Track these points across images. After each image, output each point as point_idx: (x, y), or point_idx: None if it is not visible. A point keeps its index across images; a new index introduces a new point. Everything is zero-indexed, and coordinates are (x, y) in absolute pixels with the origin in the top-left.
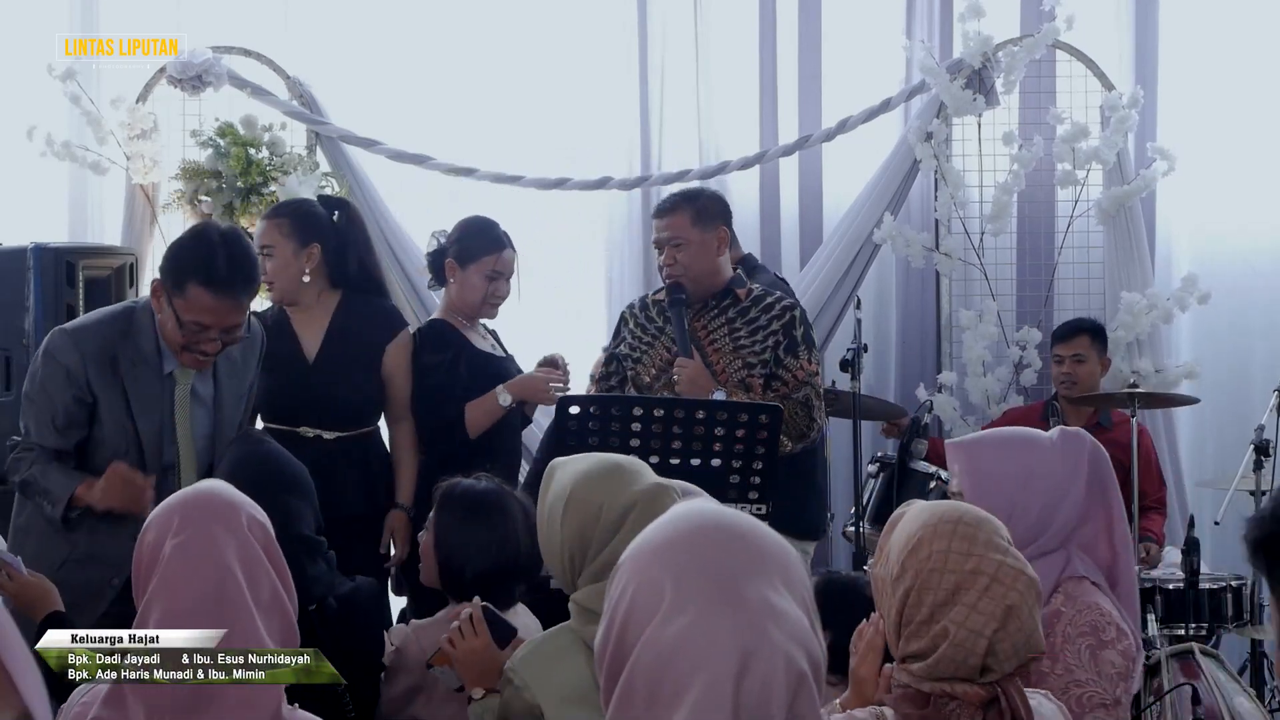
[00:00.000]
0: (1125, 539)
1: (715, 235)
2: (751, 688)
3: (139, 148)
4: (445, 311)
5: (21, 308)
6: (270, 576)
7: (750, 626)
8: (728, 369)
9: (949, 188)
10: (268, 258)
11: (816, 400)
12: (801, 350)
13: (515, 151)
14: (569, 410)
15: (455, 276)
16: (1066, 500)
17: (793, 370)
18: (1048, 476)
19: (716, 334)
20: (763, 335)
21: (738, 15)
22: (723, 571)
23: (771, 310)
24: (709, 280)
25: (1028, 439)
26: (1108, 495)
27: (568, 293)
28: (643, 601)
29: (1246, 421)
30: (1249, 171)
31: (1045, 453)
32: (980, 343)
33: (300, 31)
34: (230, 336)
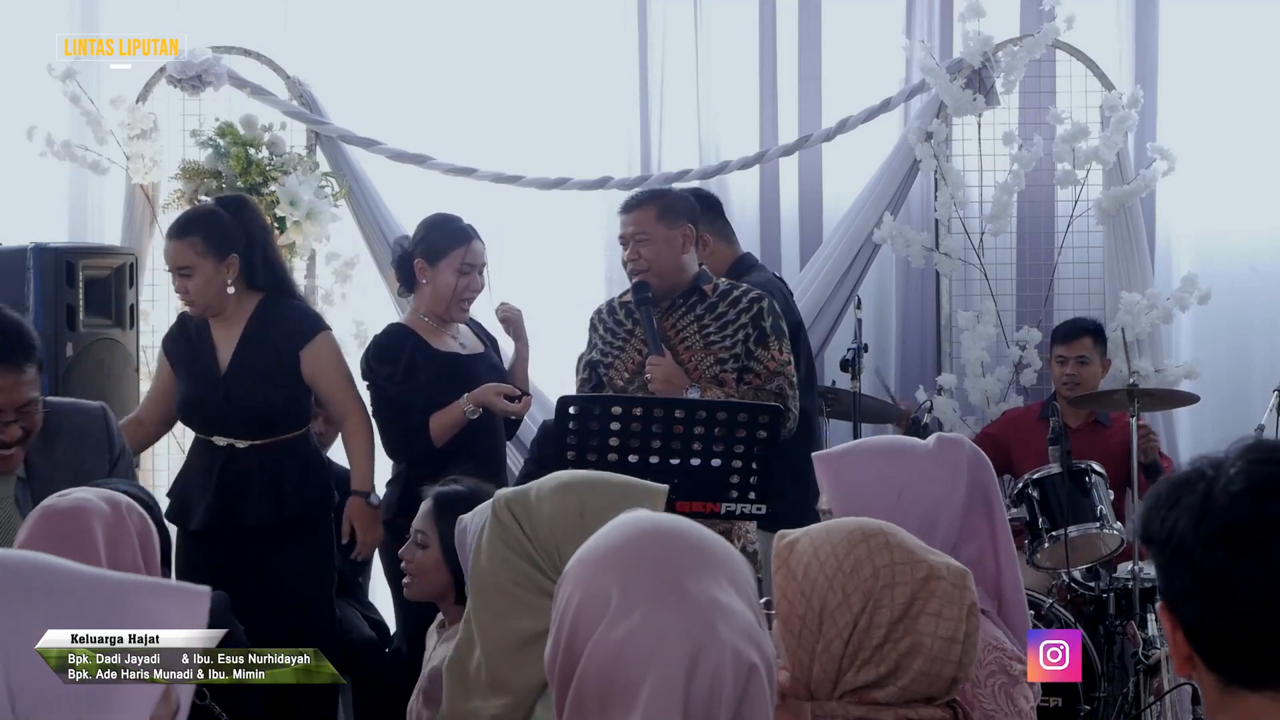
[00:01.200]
0: (1010, 552)
1: (680, 232)
2: (701, 683)
3: (139, 148)
4: (412, 316)
5: (21, 308)
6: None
7: (698, 622)
8: (700, 365)
9: (949, 188)
10: (186, 278)
11: (790, 390)
12: (771, 340)
13: (515, 151)
14: (569, 410)
15: (426, 276)
16: (946, 513)
17: (764, 361)
18: (924, 488)
19: (686, 331)
20: (732, 329)
21: (738, 15)
22: (667, 571)
23: (739, 304)
24: (673, 277)
25: (900, 448)
26: (991, 505)
27: (568, 293)
28: (589, 607)
29: (1246, 421)
30: (1249, 171)
31: (920, 462)
32: (980, 343)
33: (300, 31)
34: (26, 417)
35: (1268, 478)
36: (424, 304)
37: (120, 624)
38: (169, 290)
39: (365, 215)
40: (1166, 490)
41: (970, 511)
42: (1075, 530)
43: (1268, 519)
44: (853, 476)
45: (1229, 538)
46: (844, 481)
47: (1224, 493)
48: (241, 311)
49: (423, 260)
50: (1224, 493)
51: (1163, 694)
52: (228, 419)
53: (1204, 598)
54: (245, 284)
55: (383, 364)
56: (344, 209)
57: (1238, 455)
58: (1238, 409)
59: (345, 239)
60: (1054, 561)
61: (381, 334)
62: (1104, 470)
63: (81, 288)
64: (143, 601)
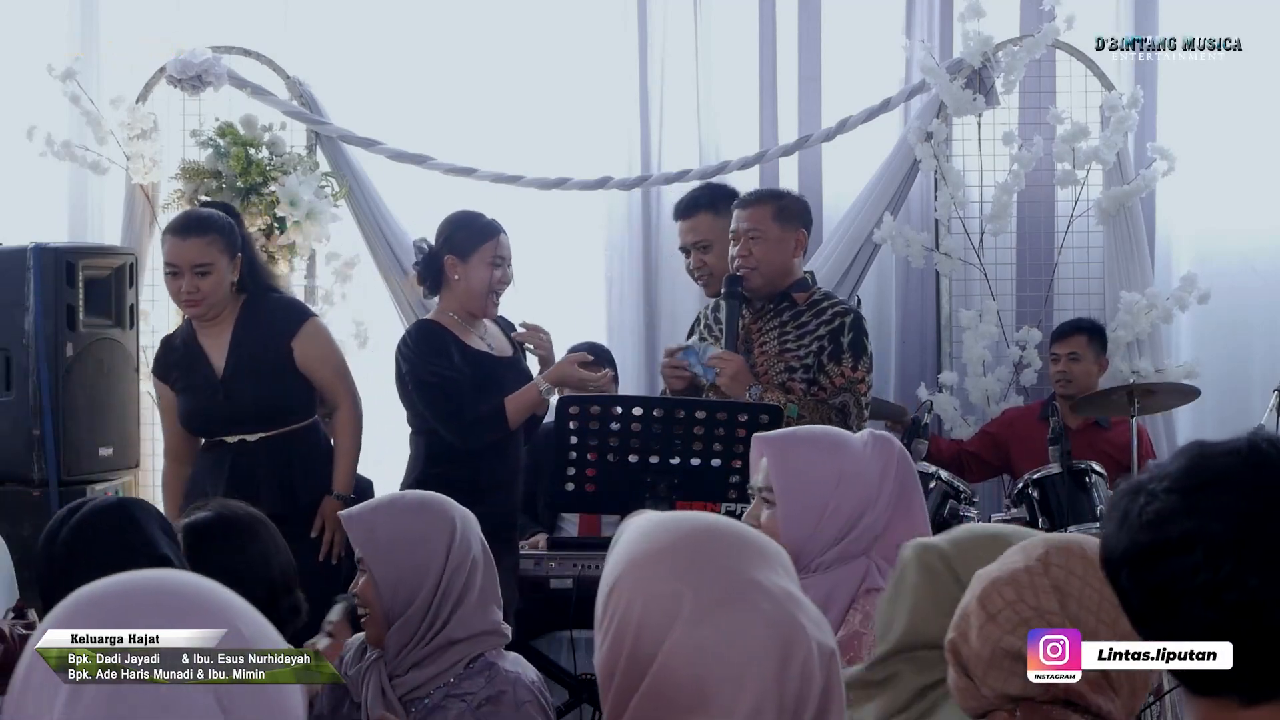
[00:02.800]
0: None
1: (794, 235)
2: (794, 675)
3: (139, 148)
4: (440, 314)
5: (21, 308)
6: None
7: (782, 616)
8: (770, 370)
9: (949, 188)
10: (203, 276)
11: (855, 408)
12: (845, 357)
13: (515, 151)
14: (569, 410)
15: (459, 273)
16: (875, 505)
17: (833, 376)
18: (858, 479)
19: (767, 336)
20: (809, 340)
21: (738, 15)
22: (736, 568)
23: (823, 315)
24: (778, 279)
25: (839, 439)
26: (911, 503)
27: (568, 293)
28: (656, 609)
29: (1246, 421)
30: (1249, 171)
31: (857, 454)
32: (980, 342)
33: (300, 31)
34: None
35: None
36: (455, 301)
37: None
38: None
39: (365, 215)
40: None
41: (895, 506)
42: (1075, 530)
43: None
44: (797, 460)
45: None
46: (789, 464)
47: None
48: (229, 314)
49: (454, 256)
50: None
51: (1163, 694)
52: (233, 418)
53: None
54: (236, 287)
55: (434, 355)
56: (344, 209)
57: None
58: (1237, 409)
59: (345, 239)
60: None
61: (416, 331)
62: (1104, 470)
63: (81, 288)
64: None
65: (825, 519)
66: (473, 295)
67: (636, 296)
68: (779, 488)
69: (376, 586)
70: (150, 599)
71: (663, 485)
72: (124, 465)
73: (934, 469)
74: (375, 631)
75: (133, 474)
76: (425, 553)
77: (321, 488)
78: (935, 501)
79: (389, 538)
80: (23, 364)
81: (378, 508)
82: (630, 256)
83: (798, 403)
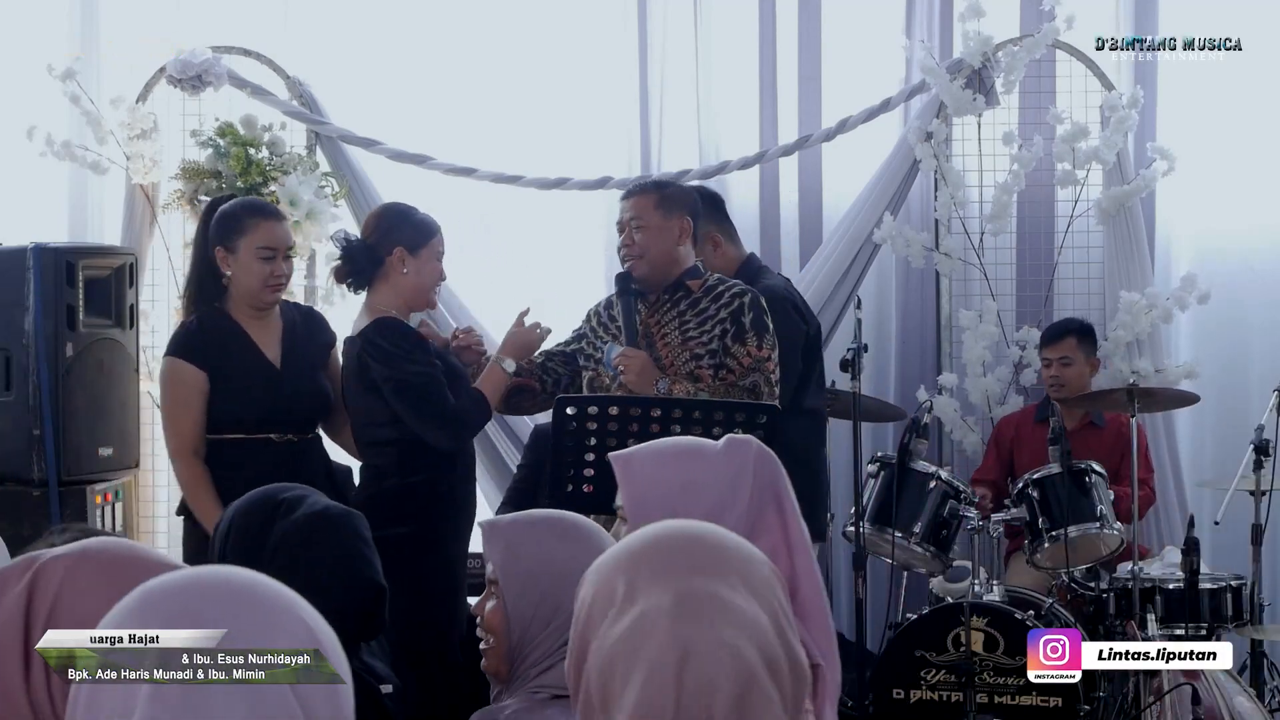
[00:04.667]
0: (805, 548)
1: (677, 223)
2: (692, 682)
3: (139, 148)
4: (384, 309)
5: (21, 308)
6: None
7: (694, 620)
8: (676, 361)
9: (949, 188)
10: (288, 260)
11: (766, 387)
12: (750, 336)
13: (515, 151)
14: (566, 411)
15: (408, 266)
16: (731, 509)
17: (739, 357)
18: (707, 486)
19: (668, 327)
20: (710, 324)
21: (738, 15)
22: (674, 570)
23: (721, 299)
24: (665, 268)
25: (687, 448)
26: (781, 503)
27: (567, 293)
28: (598, 604)
29: (1246, 421)
30: (1249, 171)
31: (707, 460)
32: (980, 343)
33: (300, 31)
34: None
35: None
36: (395, 296)
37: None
38: (169, 290)
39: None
40: None
41: (761, 509)
42: (1075, 530)
43: None
44: (640, 474)
45: None
46: (632, 480)
47: None
48: (275, 310)
49: (404, 249)
50: None
51: (1162, 694)
52: (290, 411)
53: None
54: None
55: (416, 353)
56: (344, 209)
57: None
58: (1237, 409)
59: None
60: (1054, 561)
61: (389, 330)
62: (1104, 470)
63: (81, 288)
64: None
65: None
66: (421, 289)
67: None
68: (626, 501)
69: (508, 618)
70: (224, 596)
71: None
72: (124, 465)
73: (934, 469)
74: (495, 665)
75: (133, 474)
76: (565, 589)
77: (347, 491)
78: (935, 501)
79: (531, 566)
80: (23, 364)
81: (531, 523)
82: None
83: (708, 390)
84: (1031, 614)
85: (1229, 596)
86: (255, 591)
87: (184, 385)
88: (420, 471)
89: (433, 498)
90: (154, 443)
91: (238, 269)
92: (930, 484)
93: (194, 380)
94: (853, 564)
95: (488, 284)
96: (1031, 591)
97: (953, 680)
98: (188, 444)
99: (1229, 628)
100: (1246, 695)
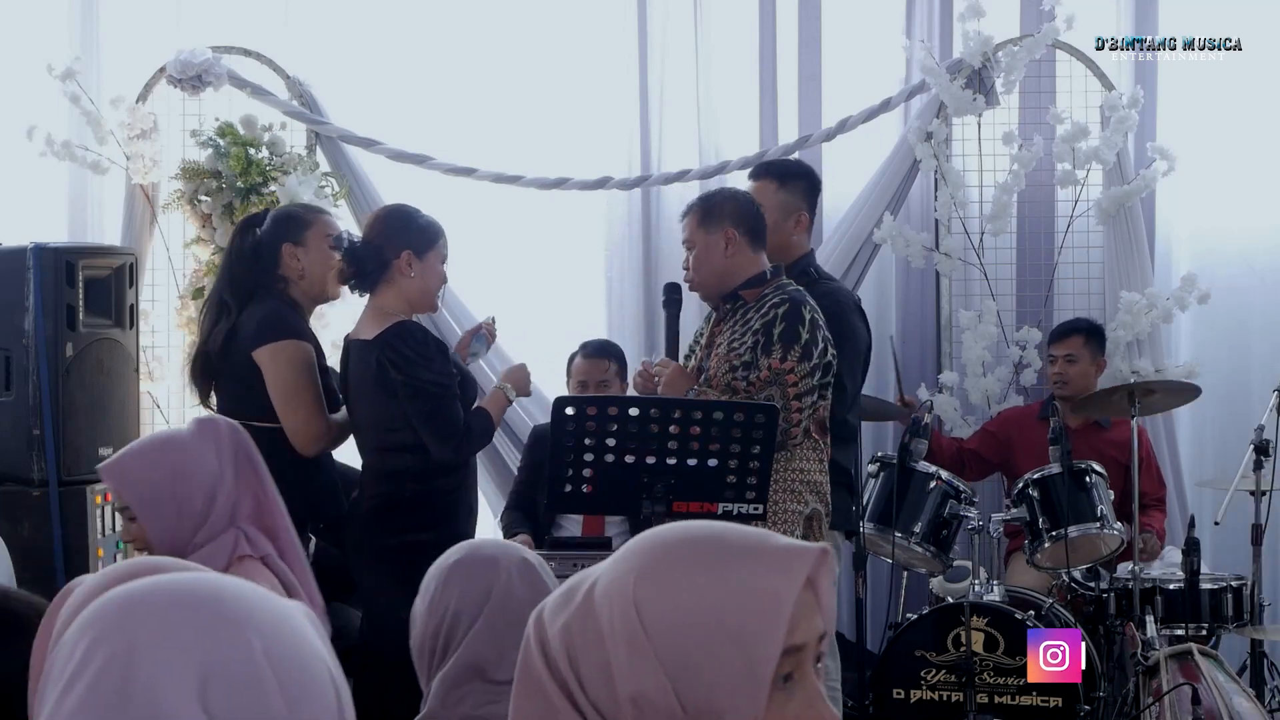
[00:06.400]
0: (276, 500)
1: (721, 235)
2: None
3: (139, 148)
4: (392, 313)
5: (21, 308)
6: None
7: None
8: (718, 372)
9: (949, 188)
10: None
11: (782, 400)
12: (775, 348)
13: (515, 151)
14: (565, 411)
15: (416, 270)
16: (223, 482)
17: (761, 369)
18: (196, 465)
19: (720, 338)
20: (748, 336)
21: (738, 15)
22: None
23: (762, 309)
24: (716, 281)
25: (164, 440)
26: (256, 468)
27: (567, 293)
28: None
29: (1246, 421)
30: (1249, 171)
31: (186, 445)
32: (980, 343)
33: (300, 31)
34: None
35: None
36: (401, 300)
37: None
38: (169, 290)
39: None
40: None
41: (240, 474)
42: (1075, 530)
43: None
44: (133, 473)
45: None
46: (129, 482)
47: None
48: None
49: (412, 253)
50: None
51: (1162, 694)
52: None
53: None
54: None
55: (439, 360)
56: (344, 209)
57: None
58: (1237, 409)
59: None
60: (1054, 561)
61: (412, 334)
62: (1104, 470)
63: (81, 288)
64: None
65: (182, 512)
66: (427, 293)
67: (636, 296)
68: (132, 502)
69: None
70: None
71: (659, 486)
72: None
73: (934, 469)
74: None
75: None
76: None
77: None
78: (935, 501)
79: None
80: (23, 364)
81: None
82: (630, 256)
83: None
84: (1031, 614)
85: (1229, 597)
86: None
87: (310, 366)
88: (440, 477)
89: (452, 504)
90: None
91: (309, 261)
92: (930, 484)
93: (312, 359)
94: (853, 564)
95: (488, 284)
96: (1032, 591)
97: (953, 680)
98: (320, 421)
99: (1229, 628)
100: (1246, 695)
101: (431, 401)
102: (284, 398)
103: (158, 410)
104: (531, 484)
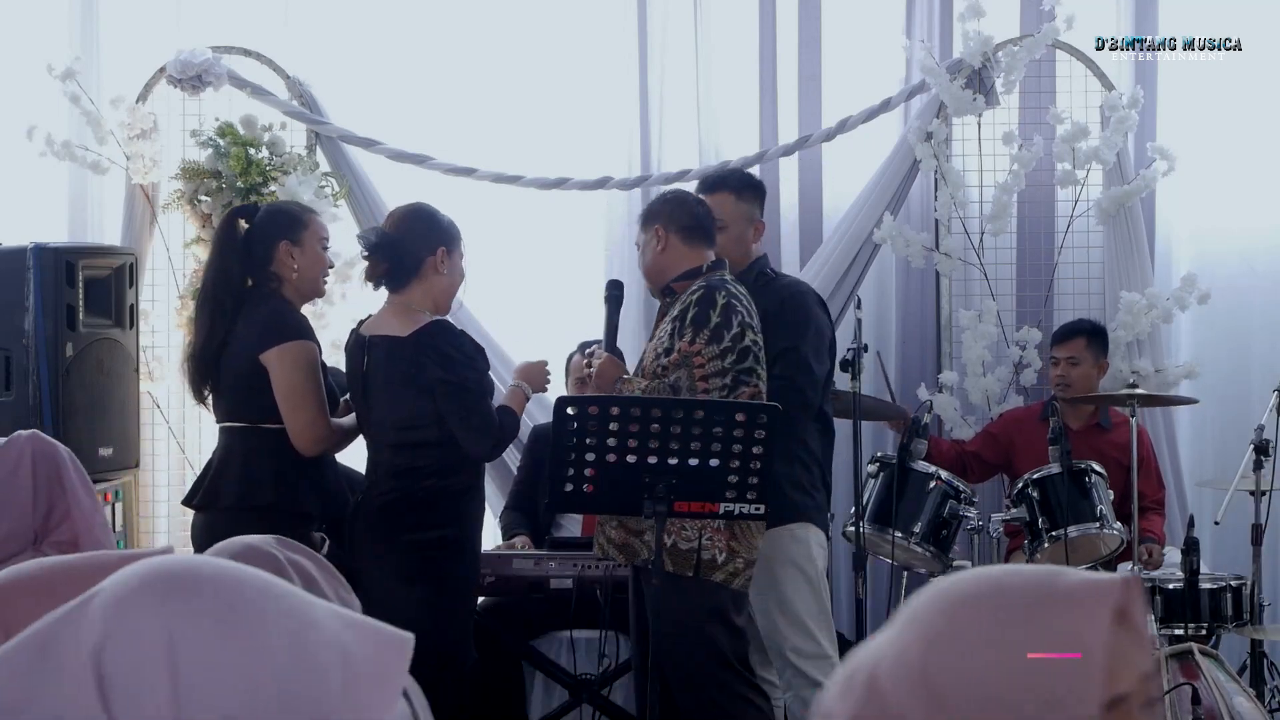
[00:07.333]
0: (89, 519)
1: (653, 234)
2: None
3: (139, 148)
4: (419, 311)
5: (21, 308)
6: None
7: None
8: (648, 360)
9: (949, 188)
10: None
11: (688, 382)
12: (687, 331)
13: (515, 151)
14: (566, 411)
15: (445, 268)
16: (15, 502)
17: (673, 353)
18: None
19: (657, 330)
20: (670, 324)
21: (738, 15)
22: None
23: (682, 298)
24: (655, 276)
25: None
26: (61, 475)
27: (567, 293)
28: None
29: (1246, 421)
30: (1249, 171)
31: None
32: (980, 343)
33: (300, 31)
34: None
35: None
36: (429, 298)
37: (302, 650)
38: (169, 290)
39: (365, 215)
40: None
41: (51, 487)
42: (1075, 530)
43: None
44: None
45: None
46: None
47: None
48: None
49: (445, 249)
50: None
51: (1162, 694)
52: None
53: None
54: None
55: (475, 354)
56: (344, 209)
57: None
58: (1237, 409)
59: (345, 239)
60: (1054, 561)
61: (454, 332)
62: (1104, 470)
63: (81, 288)
64: (336, 634)
65: None
66: (453, 290)
67: (636, 296)
68: None
69: None
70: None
71: (660, 485)
72: (124, 465)
73: (934, 469)
74: None
75: (133, 474)
76: None
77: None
78: (935, 501)
79: None
80: (23, 364)
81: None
82: (630, 256)
83: (649, 390)
84: None
85: (1229, 596)
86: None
87: (315, 367)
88: (458, 474)
89: (468, 500)
90: (154, 443)
91: (304, 261)
92: (930, 484)
93: (317, 359)
94: (853, 564)
95: (487, 284)
96: None
97: None
98: (324, 422)
99: (1229, 628)
100: (1246, 695)
101: (472, 397)
102: (289, 398)
103: (157, 410)
104: (531, 484)
